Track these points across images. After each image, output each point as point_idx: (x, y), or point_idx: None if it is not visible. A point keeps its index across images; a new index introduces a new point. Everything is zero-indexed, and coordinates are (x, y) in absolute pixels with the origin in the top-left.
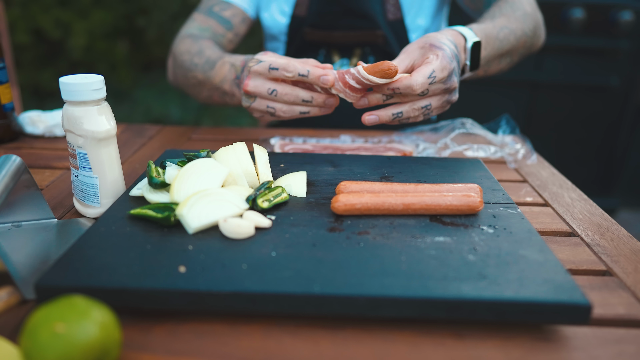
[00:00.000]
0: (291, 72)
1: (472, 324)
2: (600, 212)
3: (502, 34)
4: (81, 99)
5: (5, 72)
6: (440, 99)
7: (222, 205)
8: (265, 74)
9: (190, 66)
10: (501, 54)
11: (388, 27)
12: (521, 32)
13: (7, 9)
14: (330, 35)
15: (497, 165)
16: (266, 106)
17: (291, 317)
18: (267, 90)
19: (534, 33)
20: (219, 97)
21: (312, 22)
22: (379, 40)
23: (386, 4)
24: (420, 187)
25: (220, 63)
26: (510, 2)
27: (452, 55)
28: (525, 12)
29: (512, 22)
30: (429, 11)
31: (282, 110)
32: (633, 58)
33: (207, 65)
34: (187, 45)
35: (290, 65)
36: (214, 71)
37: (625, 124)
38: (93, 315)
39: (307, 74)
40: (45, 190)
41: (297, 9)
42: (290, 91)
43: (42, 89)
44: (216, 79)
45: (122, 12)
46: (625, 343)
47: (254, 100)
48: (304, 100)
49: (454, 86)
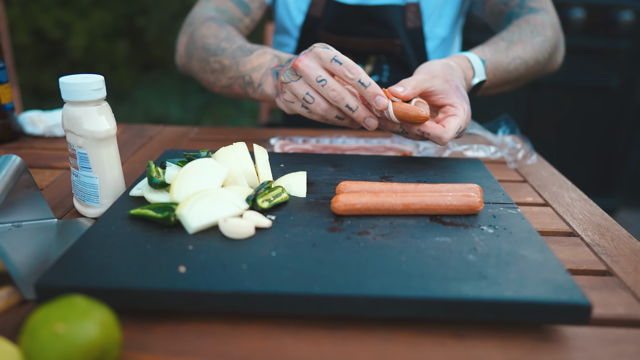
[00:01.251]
0: (353, 75)
1: (472, 324)
2: (600, 212)
3: (512, 65)
4: (81, 99)
5: (5, 72)
6: None
7: (222, 205)
8: (325, 62)
9: (216, 50)
10: (505, 83)
11: (406, 36)
12: (534, 61)
13: (7, 9)
14: (345, 40)
15: (497, 165)
16: (306, 92)
17: (291, 317)
18: (317, 77)
19: (548, 60)
20: (239, 87)
21: (328, 25)
22: (395, 50)
23: (407, 12)
24: (420, 187)
25: (260, 51)
26: (532, 24)
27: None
28: (545, 38)
29: (528, 50)
30: (448, 20)
31: (320, 106)
32: (633, 58)
33: (239, 52)
34: (212, 29)
35: (355, 67)
36: (249, 58)
37: (625, 124)
38: (93, 315)
39: (367, 85)
40: (45, 190)
41: (312, 9)
42: (339, 88)
43: (42, 89)
44: (247, 66)
45: (122, 12)
46: (625, 343)
47: (297, 79)
48: (348, 105)
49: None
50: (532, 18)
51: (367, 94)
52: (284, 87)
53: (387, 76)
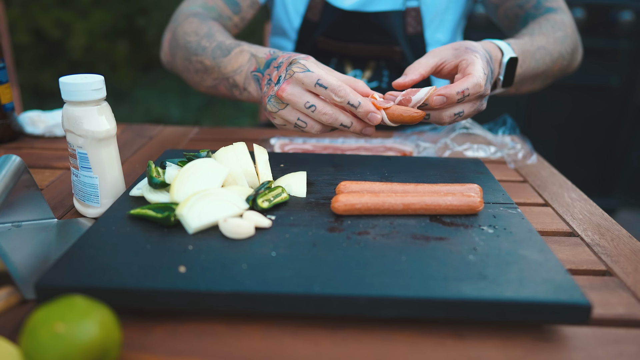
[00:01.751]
0: (341, 99)
1: (472, 324)
2: (600, 212)
3: (538, 54)
4: (81, 99)
5: (5, 72)
6: (473, 106)
7: (222, 205)
8: (309, 87)
9: (196, 49)
10: (535, 74)
11: (406, 42)
12: (558, 54)
13: (7, 9)
14: (344, 46)
15: (497, 165)
16: (297, 118)
17: (291, 317)
18: (305, 104)
19: (571, 56)
20: (226, 89)
21: (326, 31)
22: (395, 56)
23: (407, 17)
24: (420, 187)
25: (237, 50)
26: (551, 20)
27: (487, 61)
28: (565, 34)
29: (551, 42)
30: (450, 26)
31: (314, 129)
32: (633, 58)
33: (218, 51)
34: (193, 25)
35: (341, 89)
36: (228, 58)
37: (625, 124)
38: (93, 315)
39: (357, 106)
40: (45, 190)
41: (309, 13)
42: (330, 112)
43: (42, 89)
44: (228, 68)
45: (122, 12)
46: (625, 343)
47: (284, 107)
48: (342, 124)
49: (487, 93)
50: (551, 16)
51: (358, 114)
52: (273, 115)
53: (386, 82)
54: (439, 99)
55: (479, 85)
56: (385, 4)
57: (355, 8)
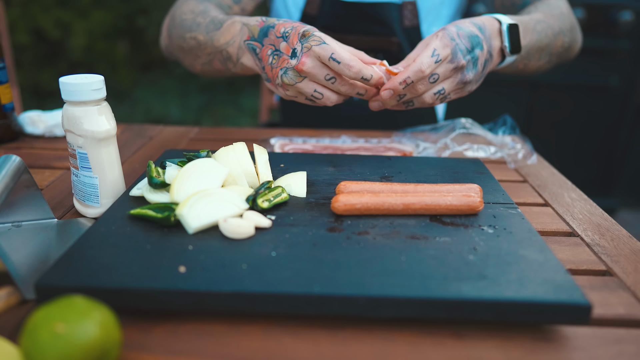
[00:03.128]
0: (354, 74)
1: (472, 324)
2: (600, 212)
3: (539, 27)
4: (81, 99)
5: (5, 72)
6: (453, 81)
7: (222, 205)
8: (324, 60)
9: (191, 26)
10: (540, 47)
11: (403, 34)
12: (558, 28)
13: (7, 9)
14: (343, 38)
15: (497, 165)
16: (314, 90)
17: (291, 317)
18: (325, 76)
19: (571, 33)
20: (219, 63)
21: (325, 24)
22: (393, 47)
23: (404, 10)
24: (420, 187)
25: (229, 22)
26: (546, 3)
27: (455, 35)
28: (562, 12)
29: (549, 18)
30: (445, 20)
31: (330, 99)
32: (633, 58)
33: (212, 25)
34: (190, 5)
35: (354, 64)
36: (220, 31)
37: (625, 124)
38: (93, 315)
39: (369, 79)
40: (45, 190)
41: (307, 7)
42: (349, 82)
43: (42, 89)
44: (221, 40)
45: (122, 12)
46: (625, 343)
47: (301, 80)
48: (359, 92)
49: (462, 64)
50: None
51: (372, 84)
52: (287, 87)
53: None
54: (386, 92)
55: (420, 71)
56: None
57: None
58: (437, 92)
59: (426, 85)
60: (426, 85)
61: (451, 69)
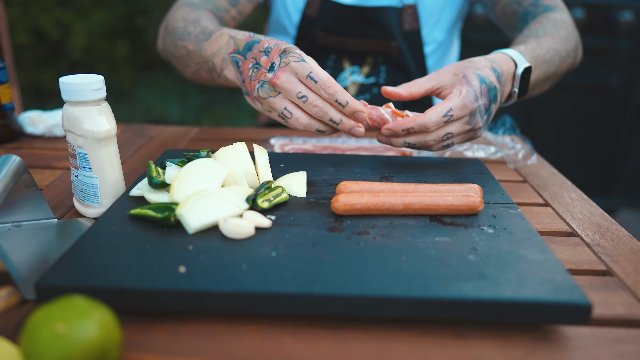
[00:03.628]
0: (329, 95)
1: (472, 324)
2: (600, 212)
3: (548, 56)
4: (81, 99)
5: (5, 72)
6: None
7: (222, 205)
8: (301, 77)
9: (182, 34)
10: (547, 77)
11: (403, 38)
12: (565, 53)
13: (7, 9)
14: (342, 41)
15: (497, 165)
16: (284, 107)
17: (291, 317)
18: (297, 93)
19: (575, 53)
20: (205, 73)
21: (325, 26)
22: (392, 51)
23: (403, 14)
24: (420, 187)
25: (218, 34)
26: (551, 19)
27: (479, 94)
28: (568, 32)
29: (558, 42)
30: (446, 25)
31: (299, 121)
32: (633, 58)
33: (201, 35)
34: (183, 13)
35: (331, 86)
36: (209, 42)
37: (625, 124)
38: (93, 315)
39: (344, 105)
40: (45, 190)
41: (308, 9)
42: (321, 105)
43: (42, 89)
44: (208, 51)
45: (122, 12)
46: (625, 343)
47: (276, 95)
48: (332, 119)
49: (478, 126)
50: (551, 15)
51: (346, 111)
52: (262, 100)
53: (384, 77)
54: (386, 132)
55: (425, 127)
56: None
57: (354, 3)
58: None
59: (436, 139)
60: (436, 138)
61: (466, 130)
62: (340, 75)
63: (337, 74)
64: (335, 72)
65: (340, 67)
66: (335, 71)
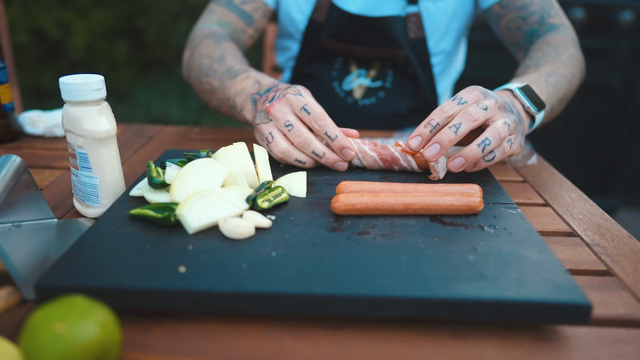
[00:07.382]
0: (320, 127)
1: (472, 324)
2: (600, 212)
3: (551, 80)
4: (81, 99)
5: (5, 72)
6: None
7: (222, 205)
8: (295, 109)
9: (208, 71)
10: (560, 98)
11: (409, 47)
12: (571, 75)
13: (7, 9)
14: (349, 48)
15: (497, 165)
16: (269, 132)
17: (291, 317)
18: (285, 121)
19: (581, 73)
20: (227, 109)
21: (331, 32)
22: (399, 60)
23: (408, 23)
24: (420, 187)
25: (244, 75)
26: (553, 45)
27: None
28: (570, 55)
29: (560, 66)
30: (454, 35)
31: (278, 146)
32: (633, 58)
33: (227, 74)
34: (208, 49)
35: (323, 119)
36: (233, 81)
37: (625, 124)
38: (93, 315)
39: (333, 139)
40: (45, 190)
41: (315, 13)
42: (305, 135)
43: (42, 89)
44: (232, 90)
45: (122, 12)
46: (625, 343)
47: (268, 122)
48: (314, 151)
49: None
50: (553, 38)
51: (334, 146)
52: (256, 127)
53: (390, 82)
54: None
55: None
56: (388, 9)
57: (360, 12)
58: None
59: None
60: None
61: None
62: (346, 78)
63: (344, 77)
64: (341, 75)
65: (347, 70)
66: (342, 74)
